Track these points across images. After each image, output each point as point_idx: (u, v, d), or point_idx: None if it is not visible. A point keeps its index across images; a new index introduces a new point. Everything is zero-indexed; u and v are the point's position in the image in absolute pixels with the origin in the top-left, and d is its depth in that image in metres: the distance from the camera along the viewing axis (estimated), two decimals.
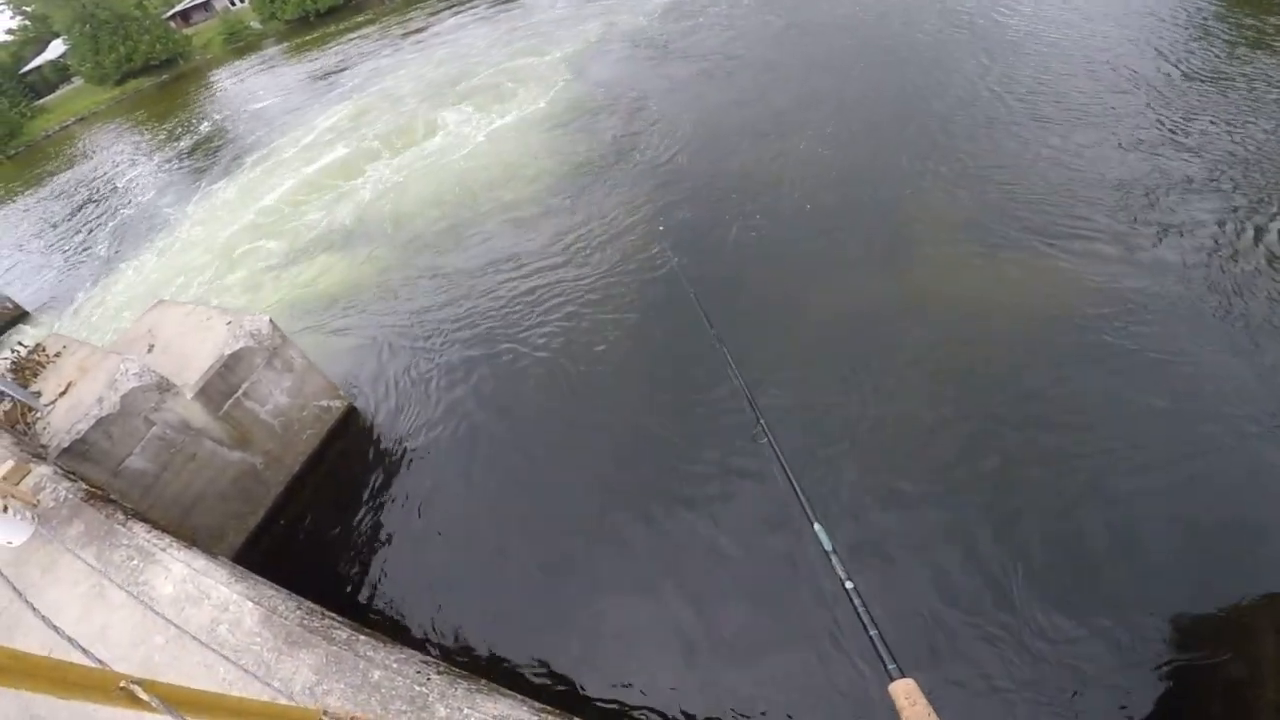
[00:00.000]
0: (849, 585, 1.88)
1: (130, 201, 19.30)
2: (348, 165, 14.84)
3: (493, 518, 5.56)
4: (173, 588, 3.45)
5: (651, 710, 3.98)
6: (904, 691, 1.52)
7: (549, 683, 4.26)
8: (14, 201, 27.29)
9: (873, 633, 1.73)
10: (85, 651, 1.67)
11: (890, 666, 1.62)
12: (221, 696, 1.73)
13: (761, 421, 2.80)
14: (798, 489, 2.34)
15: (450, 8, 30.20)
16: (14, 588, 2.02)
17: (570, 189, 10.25)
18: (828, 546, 2.04)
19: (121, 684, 1.48)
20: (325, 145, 16.85)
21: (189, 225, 15.11)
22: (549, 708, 2.69)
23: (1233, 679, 3.41)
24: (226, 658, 2.53)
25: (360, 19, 39.66)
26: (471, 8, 28.10)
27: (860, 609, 1.80)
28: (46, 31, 58.31)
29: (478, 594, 5.00)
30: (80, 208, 21.16)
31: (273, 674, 2.83)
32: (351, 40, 32.22)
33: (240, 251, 12.56)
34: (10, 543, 3.90)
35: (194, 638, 2.61)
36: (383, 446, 6.68)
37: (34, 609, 1.88)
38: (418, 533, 5.69)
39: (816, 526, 2.12)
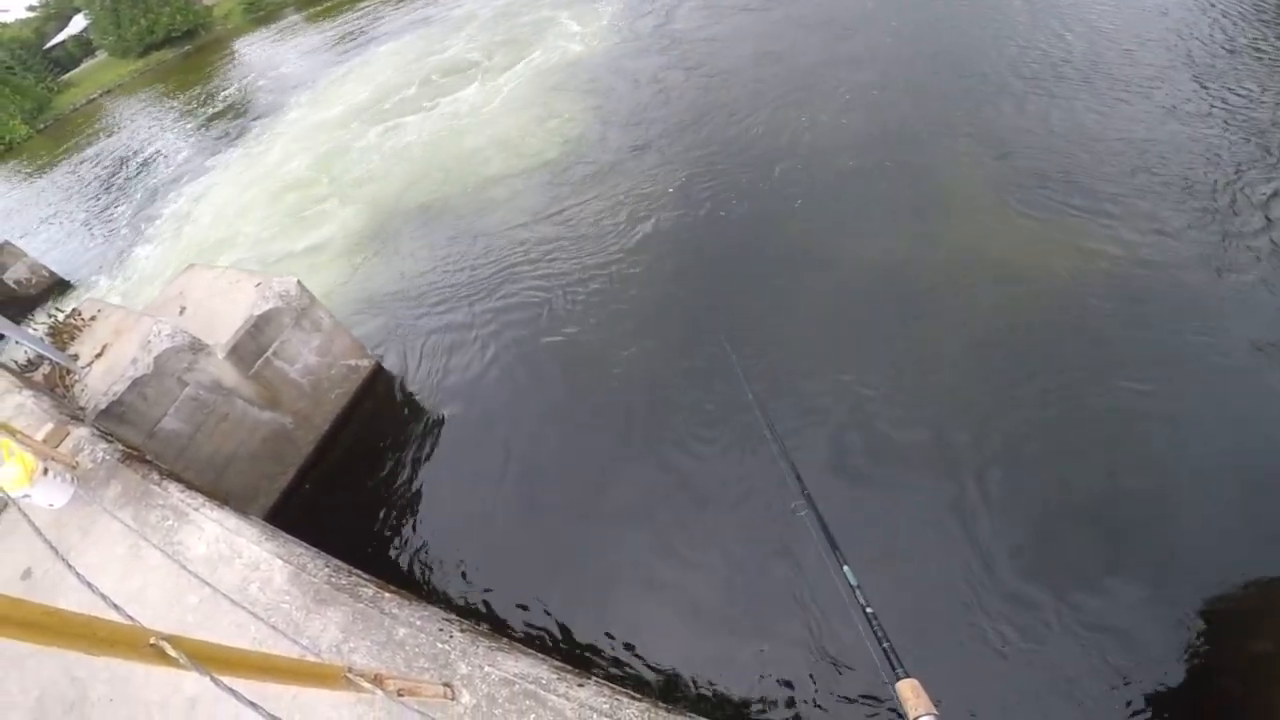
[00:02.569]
0: (869, 610, 2.06)
1: (158, 169, 19.51)
2: (376, 122, 14.85)
3: (517, 477, 5.62)
4: (206, 547, 3.56)
5: (665, 675, 4.05)
6: (909, 688, 1.71)
7: (568, 642, 4.35)
8: (47, 173, 27.66)
9: (885, 645, 1.91)
10: (118, 609, 1.73)
11: (898, 670, 1.80)
12: (248, 653, 1.79)
13: (806, 492, 2.85)
14: (829, 536, 2.49)
15: None
16: (54, 550, 2.10)
17: (599, 148, 10.15)
18: (853, 582, 2.20)
19: (151, 641, 1.53)
20: (353, 105, 16.81)
21: (217, 190, 15.26)
22: (567, 666, 2.75)
23: (1258, 674, 3.32)
24: (257, 616, 2.61)
25: None
26: None
27: (877, 628, 1.98)
28: (67, 7, 58.59)
29: (500, 553, 5.09)
30: (110, 177, 21.42)
31: (301, 632, 2.91)
32: (374, 2, 31.91)
33: (270, 210, 12.71)
34: (52, 504, 4.02)
35: (226, 596, 2.70)
36: (410, 405, 6.78)
37: (73, 569, 1.94)
38: (443, 491, 5.79)
39: (846, 569, 2.27)
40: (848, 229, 6.80)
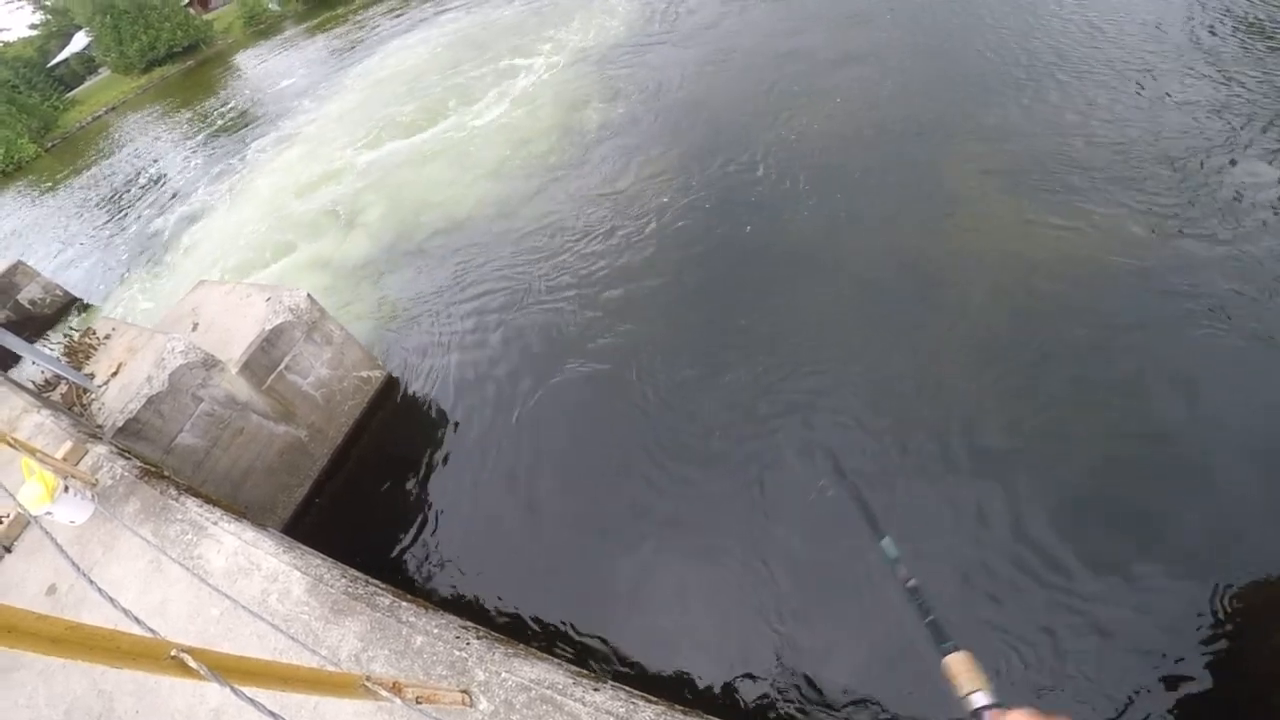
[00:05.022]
0: (911, 583, 1.90)
1: (166, 186, 19.67)
2: (378, 135, 14.92)
3: (531, 484, 5.64)
4: (225, 560, 3.60)
5: (683, 676, 4.06)
6: (959, 662, 1.57)
7: (584, 647, 4.36)
8: (56, 192, 27.97)
9: (931, 618, 1.76)
10: (140, 623, 1.76)
11: (944, 644, 1.64)
12: (268, 663, 1.82)
13: (839, 467, 2.72)
14: (865, 505, 2.34)
15: None
16: (75, 566, 2.13)
17: (609, 150, 10.15)
18: (893, 554, 2.05)
19: (172, 653, 1.56)
20: (355, 117, 16.94)
21: (225, 205, 15.39)
22: (584, 671, 2.77)
23: None
24: (277, 627, 2.64)
25: None
26: None
27: (920, 603, 1.82)
28: (68, 24, 59.22)
29: (516, 560, 5.11)
30: (119, 194, 21.63)
31: (320, 642, 2.95)
32: (373, 14, 32.25)
33: (278, 223, 12.81)
34: (73, 521, 4.09)
35: (246, 608, 2.73)
36: (422, 414, 6.82)
37: (94, 585, 1.97)
38: (457, 499, 5.81)
39: (885, 540, 2.11)
40: (857, 227, 6.78)
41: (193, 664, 1.57)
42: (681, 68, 12.12)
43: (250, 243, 12.69)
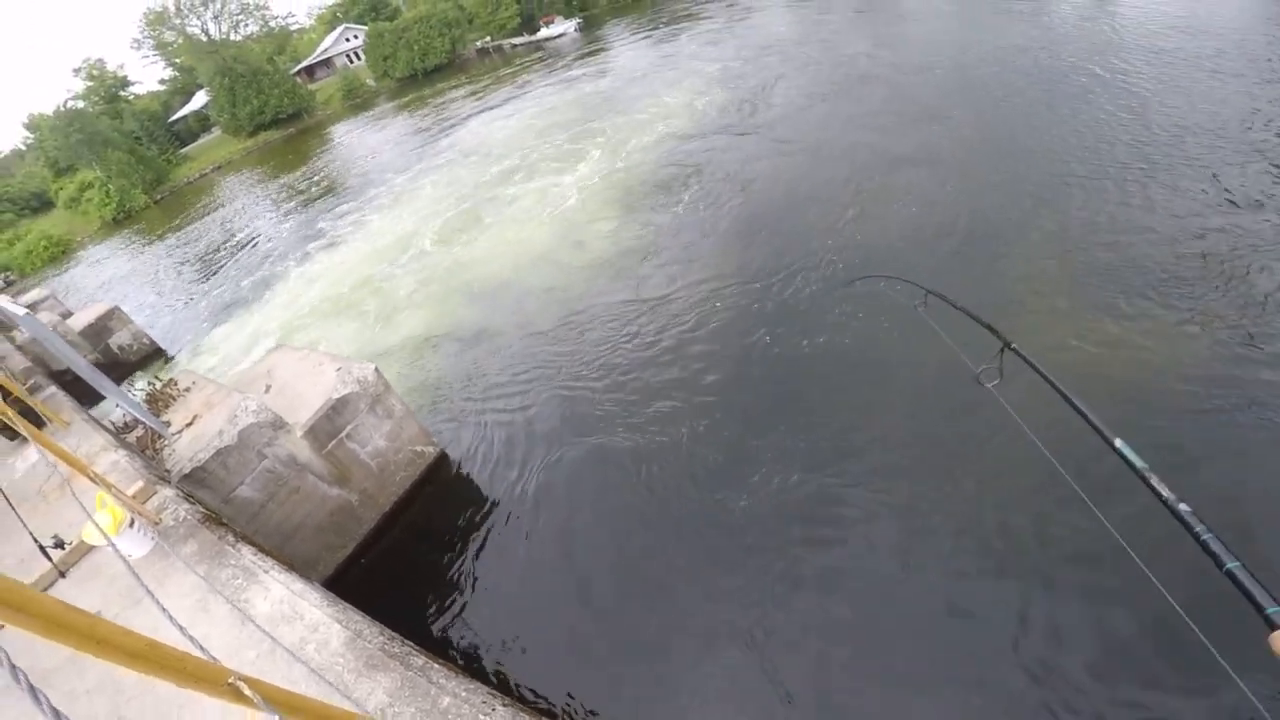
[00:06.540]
0: (1183, 508, 1.56)
1: (258, 248, 21.00)
2: (449, 215, 15.88)
3: (564, 565, 5.76)
4: (270, 606, 3.76)
5: None
6: None
7: None
8: (158, 244, 30.13)
9: (1233, 564, 1.42)
10: (205, 650, 1.93)
11: (1271, 610, 1.33)
12: (308, 700, 1.96)
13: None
14: (1082, 409, 2.08)
15: (545, 64, 32.47)
16: (146, 588, 2.33)
17: (666, 248, 10.56)
18: (1140, 464, 1.73)
19: (230, 680, 1.73)
20: (436, 190, 18.14)
21: (311, 271, 16.32)
22: None
23: None
24: (312, 672, 2.77)
25: (463, 77, 43.36)
26: (562, 67, 29.91)
27: (1213, 539, 1.49)
28: (191, 82, 64.94)
29: (546, 636, 5.18)
30: (214, 251, 23.14)
31: (350, 692, 3.05)
32: (454, 96, 34.72)
33: (357, 295, 13.47)
34: (131, 555, 4.32)
35: (287, 651, 2.87)
36: (469, 491, 7.03)
37: (166, 613, 2.17)
38: (495, 573, 5.94)
39: (1118, 442, 1.83)
40: (906, 342, 6.82)
41: (247, 692, 1.74)
42: (753, 162, 12.67)
43: (319, 310, 13.44)
